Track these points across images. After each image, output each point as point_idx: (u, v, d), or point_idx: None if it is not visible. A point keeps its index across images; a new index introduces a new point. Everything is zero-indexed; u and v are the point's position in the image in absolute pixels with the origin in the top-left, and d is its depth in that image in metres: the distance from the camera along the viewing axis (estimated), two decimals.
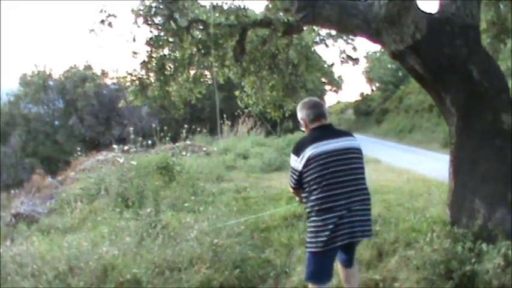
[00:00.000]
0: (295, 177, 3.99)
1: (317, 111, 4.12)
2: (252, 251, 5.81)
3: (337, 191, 3.77)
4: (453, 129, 5.55)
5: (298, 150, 3.95)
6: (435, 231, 5.19)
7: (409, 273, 4.82)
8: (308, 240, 3.91)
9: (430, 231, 5.24)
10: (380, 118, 45.51)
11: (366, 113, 51.39)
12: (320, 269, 3.94)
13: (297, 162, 3.92)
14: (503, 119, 5.34)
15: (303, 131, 4.29)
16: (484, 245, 4.81)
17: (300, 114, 4.18)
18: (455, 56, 5.42)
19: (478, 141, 5.39)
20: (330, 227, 3.72)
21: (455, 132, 5.52)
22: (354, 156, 3.95)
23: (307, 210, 3.94)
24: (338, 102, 71.73)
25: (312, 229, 3.84)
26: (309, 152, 3.83)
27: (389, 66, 50.02)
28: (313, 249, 3.86)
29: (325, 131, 4.05)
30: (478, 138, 5.39)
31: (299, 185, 3.98)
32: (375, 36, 5.69)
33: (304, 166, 3.85)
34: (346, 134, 4.15)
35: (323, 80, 48.43)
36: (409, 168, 14.66)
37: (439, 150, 22.27)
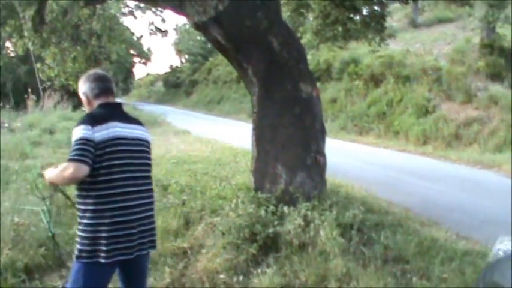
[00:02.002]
0: (89, 148, 2.91)
1: (104, 85, 3.27)
2: (59, 227, 5.54)
3: (129, 189, 3.06)
4: (255, 99, 5.75)
5: (92, 121, 3.01)
6: (240, 198, 5.39)
7: (215, 239, 4.94)
8: (81, 248, 3.01)
9: (235, 198, 5.43)
10: (189, 90, 45.98)
11: (176, 85, 51.57)
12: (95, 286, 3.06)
13: (91, 133, 2.95)
14: (302, 87, 5.67)
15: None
16: (285, 208, 5.13)
17: (82, 89, 3.27)
18: (257, 27, 5.59)
19: (278, 109, 5.66)
20: (119, 233, 2.99)
21: (257, 101, 5.73)
22: (145, 150, 3.28)
23: (84, 207, 3.11)
24: (148, 75, 71.41)
25: (89, 234, 3.01)
26: (105, 131, 3.00)
27: (198, 38, 50.70)
28: (89, 260, 2.97)
29: (117, 111, 3.25)
30: (279, 106, 5.65)
31: (91, 161, 2.92)
32: (178, 8, 5.67)
33: (99, 147, 2.97)
34: (137, 121, 3.36)
35: (132, 51, 47.63)
36: (218, 138, 14.99)
37: (246, 120, 23.13)
